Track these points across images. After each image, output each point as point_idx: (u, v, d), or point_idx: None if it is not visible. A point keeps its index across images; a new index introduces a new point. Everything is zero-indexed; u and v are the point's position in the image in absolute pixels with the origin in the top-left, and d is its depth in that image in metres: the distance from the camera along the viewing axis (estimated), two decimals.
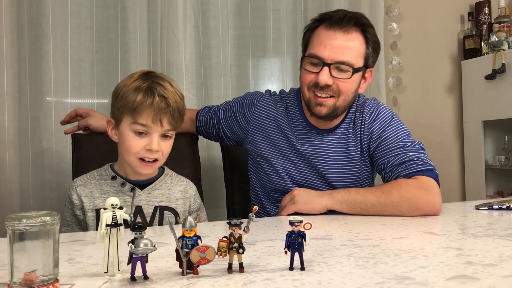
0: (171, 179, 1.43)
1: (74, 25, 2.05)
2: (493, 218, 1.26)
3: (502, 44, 2.59)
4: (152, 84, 1.26)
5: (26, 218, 0.66)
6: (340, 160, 1.50)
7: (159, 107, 1.24)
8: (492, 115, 2.72)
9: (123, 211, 0.74)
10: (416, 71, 2.81)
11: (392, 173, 1.40)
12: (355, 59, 1.38)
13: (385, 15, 2.64)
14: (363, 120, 1.49)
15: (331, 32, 1.38)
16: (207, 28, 2.27)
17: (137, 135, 1.27)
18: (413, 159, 1.38)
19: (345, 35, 1.37)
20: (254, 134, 1.57)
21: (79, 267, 0.84)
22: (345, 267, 0.79)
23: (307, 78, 1.42)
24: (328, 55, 1.36)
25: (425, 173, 1.36)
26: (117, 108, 1.28)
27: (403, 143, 1.42)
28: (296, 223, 0.76)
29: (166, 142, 1.31)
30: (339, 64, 1.37)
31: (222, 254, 0.74)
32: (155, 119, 1.25)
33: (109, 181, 1.36)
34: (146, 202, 1.36)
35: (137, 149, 1.27)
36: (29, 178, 1.96)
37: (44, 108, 1.99)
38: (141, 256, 0.72)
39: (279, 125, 1.54)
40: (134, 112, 1.24)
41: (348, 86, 1.40)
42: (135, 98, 1.24)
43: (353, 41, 1.38)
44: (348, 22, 1.37)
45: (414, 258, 0.84)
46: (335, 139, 1.50)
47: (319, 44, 1.38)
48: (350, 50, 1.38)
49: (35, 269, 0.67)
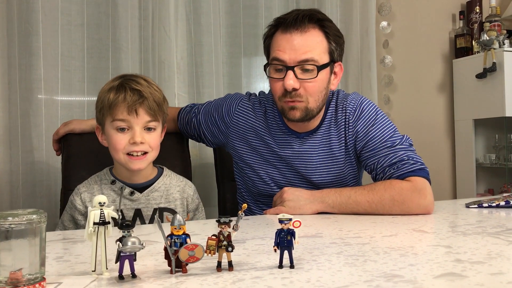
0: (170, 180, 1.44)
1: (64, 22, 2.03)
2: (482, 216, 1.27)
3: (493, 43, 2.61)
4: (123, 81, 1.31)
5: (12, 216, 0.65)
6: (324, 162, 1.46)
7: (132, 99, 1.28)
8: (483, 114, 2.74)
9: (111, 209, 0.73)
10: (407, 70, 2.83)
11: (384, 174, 1.38)
12: (319, 55, 1.34)
13: (377, 13, 2.65)
14: (347, 118, 1.44)
15: (288, 35, 1.34)
16: (198, 26, 2.26)
17: (119, 132, 1.30)
18: (403, 159, 1.36)
19: (303, 34, 1.33)
20: (234, 139, 1.54)
21: (67, 265, 0.83)
22: (334, 265, 0.79)
23: (275, 88, 1.38)
24: (289, 57, 1.32)
25: (417, 173, 1.34)
26: (98, 112, 1.34)
27: (391, 142, 1.39)
28: (285, 221, 0.76)
29: (150, 134, 1.32)
30: (302, 63, 1.32)
31: (211, 252, 0.74)
32: (130, 111, 1.28)
33: (109, 185, 1.38)
34: (145, 205, 1.37)
35: (122, 145, 1.29)
36: (19, 176, 1.95)
37: (34, 105, 1.97)
38: (129, 254, 0.71)
39: (258, 132, 1.50)
40: (111, 110, 1.28)
41: (315, 87, 1.35)
42: (109, 97, 1.29)
43: (312, 38, 1.34)
44: (302, 21, 1.33)
45: (404, 256, 0.84)
46: (316, 141, 1.46)
47: (278, 48, 1.35)
48: (311, 47, 1.33)
49: (21, 267, 0.66)
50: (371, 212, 1.31)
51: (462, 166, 2.89)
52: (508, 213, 1.30)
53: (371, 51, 2.56)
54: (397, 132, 1.43)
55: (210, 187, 2.08)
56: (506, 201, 1.39)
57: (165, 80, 2.12)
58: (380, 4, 2.68)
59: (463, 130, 2.86)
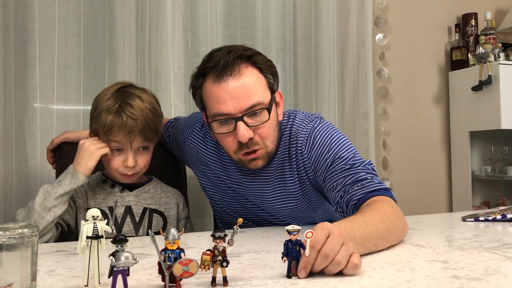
0: (160, 187, 1.51)
1: (61, 31, 2.02)
2: (479, 230, 1.26)
3: (488, 56, 2.63)
4: (121, 105, 1.33)
5: (3, 230, 0.64)
6: (280, 196, 1.35)
7: (128, 127, 1.32)
8: (479, 126, 2.75)
9: (105, 222, 0.72)
10: (404, 82, 2.84)
11: (345, 193, 1.18)
12: (262, 95, 1.21)
13: (373, 25, 2.66)
14: (298, 150, 1.30)
15: (223, 84, 1.19)
16: (195, 36, 2.26)
17: (114, 152, 1.36)
18: (367, 178, 1.18)
19: (239, 78, 1.19)
20: (195, 170, 1.51)
21: (59, 279, 0.82)
22: (330, 280, 0.78)
23: (227, 143, 1.25)
24: (234, 108, 1.18)
25: (384, 193, 1.16)
26: (93, 128, 1.37)
27: (350, 164, 1.21)
28: (294, 233, 0.77)
29: (143, 155, 1.39)
30: (250, 110, 1.19)
31: (205, 267, 0.73)
32: (126, 139, 1.33)
33: (100, 184, 1.44)
34: (135, 203, 1.43)
35: (116, 166, 1.37)
36: (13, 186, 1.93)
37: (29, 114, 1.95)
38: (122, 269, 0.70)
39: (209, 166, 1.43)
40: (107, 134, 1.33)
41: (269, 129, 1.24)
42: (106, 121, 1.32)
43: (250, 79, 1.20)
44: (234, 64, 1.19)
45: (400, 271, 0.83)
46: (269, 176, 1.34)
47: (217, 101, 1.19)
48: (252, 90, 1.19)
49: (12, 282, 0.65)
50: None
51: (458, 178, 2.89)
52: (505, 227, 1.30)
53: (368, 63, 2.57)
54: (358, 155, 1.26)
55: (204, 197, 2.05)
56: (503, 214, 1.39)
57: (161, 90, 2.11)
58: (376, 17, 2.70)
59: (459, 142, 2.87)
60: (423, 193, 2.83)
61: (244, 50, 1.24)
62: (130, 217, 1.41)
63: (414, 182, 2.80)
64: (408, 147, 2.82)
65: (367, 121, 2.57)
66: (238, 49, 1.23)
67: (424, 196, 2.83)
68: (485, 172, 2.82)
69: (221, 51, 1.23)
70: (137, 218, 1.42)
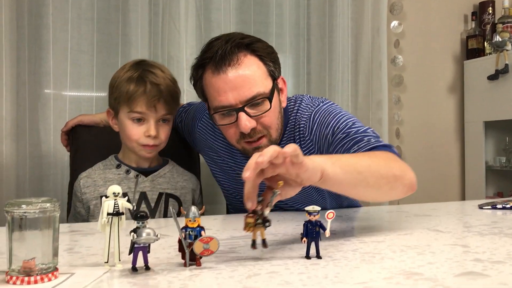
0: (176, 169, 1.48)
1: (74, 16, 2.02)
2: (497, 217, 1.25)
3: (505, 45, 2.58)
4: (143, 73, 1.32)
5: (26, 204, 0.64)
6: None
7: (151, 94, 1.30)
8: (494, 116, 2.71)
9: (125, 199, 0.72)
10: (418, 70, 2.80)
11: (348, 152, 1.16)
12: (263, 85, 1.19)
13: (388, 13, 2.62)
14: (301, 135, 1.29)
15: (222, 74, 1.16)
16: (208, 22, 2.24)
17: (135, 123, 1.33)
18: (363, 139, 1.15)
19: (237, 68, 1.16)
20: (205, 156, 1.51)
21: (78, 256, 0.82)
22: (351, 261, 0.77)
23: (230, 134, 1.23)
24: (234, 99, 1.16)
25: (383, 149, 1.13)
26: (113, 99, 1.35)
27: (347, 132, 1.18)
28: (314, 213, 0.78)
29: (164, 127, 1.36)
30: (251, 101, 1.17)
31: (249, 229, 0.76)
32: (149, 106, 1.30)
33: (113, 170, 1.40)
34: (150, 189, 1.40)
35: (137, 136, 1.33)
36: (26, 170, 1.94)
37: (42, 99, 1.96)
38: (143, 246, 0.70)
39: (218, 153, 1.42)
40: (129, 102, 1.31)
41: (272, 117, 1.22)
42: (128, 88, 1.30)
43: (249, 68, 1.17)
44: (232, 53, 1.16)
45: (421, 254, 0.82)
46: None
47: (217, 93, 1.18)
48: (252, 80, 1.17)
49: (34, 257, 0.65)
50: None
51: (471, 168, 2.86)
52: None
53: (382, 51, 2.54)
54: (357, 123, 1.22)
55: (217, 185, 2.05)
56: None
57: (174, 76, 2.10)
58: (391, 3, 2.66)
59: (473, 132, 2.83)
60: (436, 182, 2.80)
61: (242, 38, 1.21)
62: (145, 203, 1.38)
63: (427, 171, 2.77)
64: (421, 136, 2.78)
65: (380, 110, 2.54)
66: (236, 38, 1.19)
67: (437, 186, 2.80)
68: (499, 162, 2.78)
69: (219, 40, 1.20)
70: (152, 203, 1.39)
